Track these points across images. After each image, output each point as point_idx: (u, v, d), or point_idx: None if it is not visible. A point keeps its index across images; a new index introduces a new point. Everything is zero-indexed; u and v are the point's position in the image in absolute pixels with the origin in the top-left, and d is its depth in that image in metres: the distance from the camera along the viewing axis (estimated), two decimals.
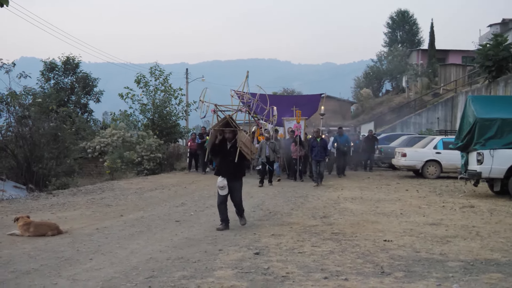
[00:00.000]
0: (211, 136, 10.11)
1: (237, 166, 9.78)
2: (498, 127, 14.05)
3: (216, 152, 9.95)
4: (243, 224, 10.00)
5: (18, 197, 15.13)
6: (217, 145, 9.80)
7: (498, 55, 26.42)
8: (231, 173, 9.72)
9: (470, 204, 12.86)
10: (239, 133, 9.72)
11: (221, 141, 9.77)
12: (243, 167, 10.27)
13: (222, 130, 9.80)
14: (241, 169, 10.05)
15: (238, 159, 9.64)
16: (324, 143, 18.68)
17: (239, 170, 9.93)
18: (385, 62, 56.31)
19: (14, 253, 7.71)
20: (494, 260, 7.12)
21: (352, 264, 6.90)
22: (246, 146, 9.77)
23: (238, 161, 9.65)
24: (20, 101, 21.23)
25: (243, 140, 9.70)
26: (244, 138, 9.82)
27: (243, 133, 9.91)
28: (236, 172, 9.82)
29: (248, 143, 9.95)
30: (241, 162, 9.92)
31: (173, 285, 5.96)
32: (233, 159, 9.57)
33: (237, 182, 9.93)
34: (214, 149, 9.91)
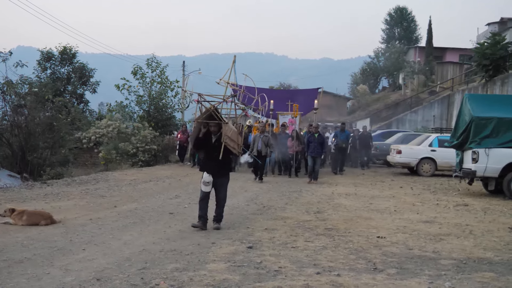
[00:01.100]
0: (194, 129, 9.54)
1: (223, 161, 9.10)
2: (494, 126, 14.06)
3: (200, 146, 9.34)
4: (216, 228, 9.07)
5: (12, 186, 15.09)
6: (201, 138, 9.19)
7: (495, 54, 26.46)
8: (216, 169, 9.06)
9: (464, 203, 12.89)
10: (223, 126, 8.94)
11: (205, 134, 9.13)
12: (230, 163, 9.77)
13: (206, 123, 9.12)
14: (227, 164, 9.46)
15: (224, 153, 9.01)
16: (322, 139, 18.13)
17: (225, 166, 9.31)
18: (382, 59, 56.34)
19: (7, 242, 7.70)
20: (487, 259, 7.14)
21: (345, 260, 6.91)
22: (232, 140, 9.09)
23: (224, 155, 9.04)
24: (16, 90, 21.11)
25: (229, 134, 8.94)
26: (230, 131, 9.04)
27: (228, 125, 9.08)
28: (222, 168, 9.17)
29: (234, 136, 9.23)
30: (228, 157, 9.34)
31: (165, 277, 5.95)
32: (219, 154, 8.91)
33: (223, 178, 9.29)
34: (198, 143, 9.30)
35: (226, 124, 8.97)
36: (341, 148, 21.95)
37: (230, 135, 8.97)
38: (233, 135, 9.18)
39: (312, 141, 17.91)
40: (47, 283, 5.71)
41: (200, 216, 9.01)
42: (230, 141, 8.99)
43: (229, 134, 8.93)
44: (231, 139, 9.04)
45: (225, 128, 8.90)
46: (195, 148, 9.79)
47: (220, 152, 8.92)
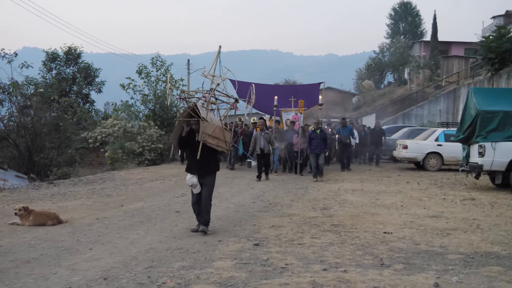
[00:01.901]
0: (176, 128, 9.18)
1: (208, 160, 8.64)
2: (500, 120, 14.01)
3: (184, 146, 9.01)
4: (202, 231, 8.55)
5: (19, 187, 15.15)
6: (184, 137, 8.74)
7: (501, 47, 26.32)
8: (201, 169, 8.63)
9: (471, 197, 12.85)
10: (201, 123, 8.35)
11: (189, 133, 8.68)
12: (215, 162, 9.02)
13: (188, 121, 8.68)
14: (212, 163, 8.85)
15: (208, 152, 8.51)
16: (324, 135, 17.49)
17: (210, 165, 8.77)
18: (387, 54, 56.07)
19: (14, 242, 7.73)
20: (494, 253, 7.12)
21: (352, 256, 6.91)
22: (214, 138, 8.48)
23: (208, 154, 8.56)
24: (22, 91, 21.20)
25: (208, 131, 8.32)
26: (211, 128, 8.38)
27: (209, 122, 8.42)
28: (206, 167, 8.70)
29: (218, 133, 8.58)
30: (213, 156, 8.83)
31: (172, 275, 5.96)
32: (203, 152, 8.39)
33: (208, 178, 8.76)
34: (181, 142, 8.88)
35: (205, 121, 8.33)
36: (345, 144, 21.29)
37: (211, 132, 8.39)
38: (217, 131, 8.57)
39: (314, 137, 17.33)
40: (54, 283, 5.73)
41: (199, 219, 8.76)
42: (211, 138, 8.44)
43: (209, 132, 8.35)
44: (213, 136, 8.47)
45: (203, 125, 8.32)
46: (179, 147, 9.35)
47: (204, 150, 8.44)
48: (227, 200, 12.43)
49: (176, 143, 9.06)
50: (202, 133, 8.29)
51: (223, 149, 8.88)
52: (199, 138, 8.32)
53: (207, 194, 8.72)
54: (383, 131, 24.06)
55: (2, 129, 20.33)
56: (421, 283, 5.70)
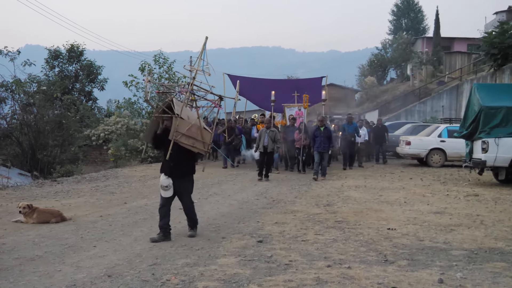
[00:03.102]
0: (151, 124, 8.57)
1: (183, 161, 7.98)
2: (504, 116, 13.99)
3: (159, 144, 8.26)
4: (191, 235, 8.03)
5: (23, 184, 15.17)
6: (160, 135, 8.03)
7: (503, 42, 26.23)
8: (174, 171, 7.89)
9: (475, 193, 12.83)
10: (174, 121, 7.63)
11: (165, 130, 7.91)
12: (191, 163, 8.34)
13: (162, 118, 8.02)
14: (188, 165, 8.16)
15: (183, 153, 7.89)
16: (328, 133, 16.73)
17: (185, 167, 8.07)
18: (390, 50, 56.07)
19: (18, 240, 7.75)
20: (498, 249, 7.11)
21: (355, 253, 6.91)
22: (189, 137, 7.79)
23: (183, 155, 7.92)
24: (24, 88, 21.26)
25: (182, 130, 7.64)
26: (185, 126, 7.70)
27: (184, 120, 7.71)
28: (181, 169, 7.97)
29: (194, 132, 7.87)
30: (188, 157, 8.12)
31: (176, 272, 5.97)
32: (177, 152, 7.80)
33: (184, 181, 8.10)
34: (156, 140, 8.20)
35: (178, 118, 7.62)
36: (350, 141, 20.24)
37: (185, 131, 7.69)
38: (193, 130, 7.86)
39: (318, 135, 16.55)
40: (59, 280, 5.74)
41: (161, 226, 7.86)
42: (186, 138, 7.74)
43: (182, 130, 7.65)
44: (188, 135, 7.77)
45: (175, 123, 7.61)
46: (153, 146, 8.78)
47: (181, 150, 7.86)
48: (230, 197, 12.43)
49: (150, 140, 8.45)
50: (174, 131, 7.61)
51: (199, 150, 8.12)
52: (170, 136, 7.67)
53: (187, 198, 8.22)
54: (385, 128, 23.47)
55: (5, 127, 20.39)
56: (425, 279, 5.70)
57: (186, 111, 7.97)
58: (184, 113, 7.75)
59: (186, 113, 7.92)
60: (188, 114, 8.00)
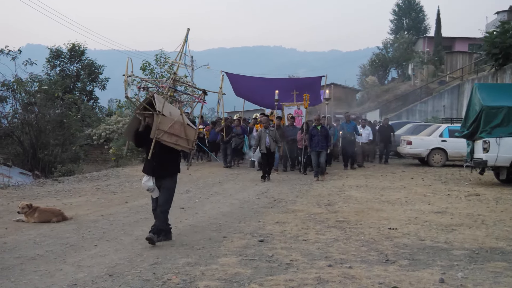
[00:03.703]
0: (132, 121, 8.18)
1: (166, 160, 7.64)
2: (505, 115, 13.97)
3: (141, 142, 7.92)
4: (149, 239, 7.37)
5: (24, 184, 15.19)
6: (141, 133, 7.67)
7: (505, 42, 26.19)
8: (156, 170, 7.62)
9: (476, 193, 12.82)
10: (155, 118, 7.28)
11: (147, 128, 7.54)
12: (175, 162, 7.93)
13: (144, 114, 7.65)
14: (171, 164, 7.81)
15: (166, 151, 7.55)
16: (325, 132, 16.43)
17: (168, 166, 7.73)
18: (391, 50, 56.07)
19: (19, 239, 7.76)
20: (499, 249, 7.10)
21: (357, 252, 6.90)
22: (172, 135, 7.45)
23: (166, 154, 7.58)
24: (26, 88, 21.27)
25: (165, 128, 7.30)
26: (168, 124, 7.35)
27: (166, 117, 7.35)
28: (163, 169, 7.67)
29: (177, 129, 7.51)
30: (171, 156, 7.77)
31: (177, 271, 5.97)
32: (160, 151, 7.49)
33: (167, 180, 7.73)
34: (138, 138, 7.83)
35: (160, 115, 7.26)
36: (349, 140, 19.73)
37: (168, 128, 7.34)
38: (176, 128, 7.50)
39: (315, 134, 16.27)
40: (60, 279, 5.74)
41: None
42: (168, 136, 7.41)
43: (165, 128, 7.31)
44: (171, 133, 7.43)
45: (157, 120, 7.25)
46: (135, 144, 8.29)
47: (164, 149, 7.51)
48: (232, 196, 12.43)
49: (131, 139, 8.03)
50: (155, 129, 7.25)
51: (183, 148, 7.74)
52: (152, 134, 7.29)
53: (165, 198, 7.74)
54: (391, 127, 22.93)
55: (7, 126, 20.42)
56: (426, 279, 5.70)
57: (168, 107, 7.65)
58: (166, 110, 7.42)
59: (168, 110, 7.59)
60: (170, 110, 7.66)
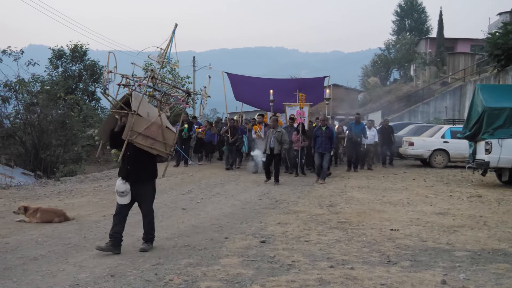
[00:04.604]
0: (107, 120, 7.74)
1: (141, 164, 7.13)
2: (507, 116, 13.95)
3: (116, 143, 7.21)
4: (143, 250, 7.08)
5: (26, 184, 15.19)
6: (116, 133, 7.05)
7: (507, 43, 26.16)
8: (131, 174, 7.09)
9: (478, 194, 12.81)
10: (129, 118, 6.75)
11: (123, 128, 6.90)
12: (151, 166, 7.34)
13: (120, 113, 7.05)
14: (148, 168, 7.27)
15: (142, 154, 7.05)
16: (330, 133, 15.93)
17: (143, 170, 7.19)
18: (393, 51, 56.02)
19: (21, 240, 7.77)
20: (502, 250, 7.10)
21: (358, 253, 6.90)
22: (148, 137, 6.90)
23: (142, 157, 7.08)
24: (28, 88, 21.27)
25: (140, 129, 6.77)
26: (143, 125, 6.83)
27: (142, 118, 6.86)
28: (138, 173, 7.12)
29: (154, 132, 6.97)
30: (148, 159, 7.21)
31: (179, 272, 5.98)
32: (135, 154, 7.01)
33: (145, 186, 7.26)
34: (113, 139, 7.23)
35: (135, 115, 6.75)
36: (356, 142, 19.18)
37: (143, 130, 6.81)
38: (153, 130, 6.95)
39: (319, 135, 15.73)
40: (62, 279, 5.75)
41: (111, 235, 7.06)
42: (143, 138, 6.85)
43: (140, 129, 6.78)
44: (146, 135, 6.87)
45: (130, 120, 6.72)
46: (110, 145, 7.69)
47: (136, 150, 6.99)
48: (233, 197, 12.43)
49: (106, 139, 7.52)
50: (128, 130, 6.72)
51: (160, 152, 7.14)
52: (124, 135, 6.75)
53: (148, 207, 7.38)
54: (392, 128, 22.41)
55: (9, 126, 20.41)
56: (428, 280, 5.69)
57: (146, 107, 7.17)
58: (143, 110, 6.93)
59: (146, 110, 7.08)
60: (148, 111, 7.17)
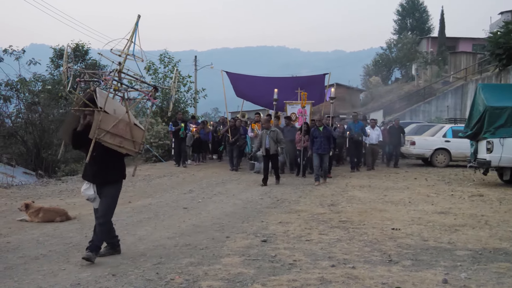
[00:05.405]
0: (69, 119, 7.23)
1: (108, 164, 6.67)
2: (508, 116, 13.93)
3: (79, 143, 6.72)
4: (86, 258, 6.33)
5: (27, 183, 15.21)
6: (79, 133, 6.56)
7: (509, 43, 26.09)
8: (97, 176, 6.65)
9: (479, 193, 12.79)
10: (96, 115, 6.29)
11: (87, 127, 6.46)
12: (119, 167, 6.87)
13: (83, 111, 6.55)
14: (113, 169, 6.78)
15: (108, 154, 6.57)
16: (328, 133, 15.45)
17: (110, 171, 6.73)
18: (395, 50, 56.01)
19: (23, 239, 7.77)
20: (503, 249, 7.09)
21: (360, 252, 6.89)
22: (116, 136, 6.46)
23: (108, 157, 6.61)
24: (29, 87, 21.33)
25: (107, 127, 6.34)
26: (111, 123, 6.39)
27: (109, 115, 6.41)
28: (104, 174, 6.66)
29: (122, 129, 6.52)
30: (115, 159, 6.76)
31: (180, 271, 5.97)
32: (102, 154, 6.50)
33: (108, 188, 6.74)
34: (76, 139, 6.68)
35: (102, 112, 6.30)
36: (356, 141, 18.97)
37: (110, 128, 6.38)
38: (121, 128, 6.51)
39: (317, 136, 15.29)
40: (63, 279, 5.75)
41: (106, 241, 6.90)
42: (111, 137, 6.41)
43: (107, 127, 6.35)
44: (114, 133, 6.43)
45: (97, 118, 6.29)
46: (73, 145, 6.95)
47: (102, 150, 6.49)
48: (235, 196, 12.43)
49: (68, 139, 6.91)
50: (95, 128, 6.28)
51: (128, 151, 6.67)
52: (91, 134, 6.31)
53: (104, 208, 6.74)
54: (402, 128, 21.95)
55: (10, 125, 20.48)
56: (429, 279, 5.68)
57: (112, 104, 6.71)
58: (109, 107, 6.48)
59: (113, 107, 6.63)
60: (115, 107, 6.69)
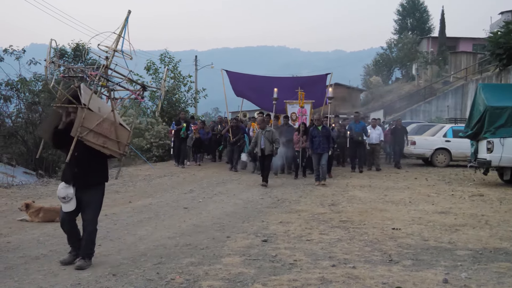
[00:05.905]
0: (50, 117, 6.81)
1: (90, 166, 6.26)
2: (509, 116, 13.94)
3: (60, 143, 6.37)
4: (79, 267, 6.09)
5: (28, 183, 15.19)
6: (60, 131, 6.20)
7: (509, 42, 26.07)
8: (78, 178, 6.20)
9: (480, 193, 12.79)
10: (79, 112, 5.91)
11: (69, 125, 6.09)
12: (101, 169, 6.49)
13: (66, 108, 6.17)
14: (96, 171, 6.38)
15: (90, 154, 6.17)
16: (327, 132, 15.24)
17: (92, 173, 6.32)
18: (395, 50, 56.01)
19: (23, 239, 7.77)
20: (503, 249, 7.09)
21: (360, 252, 6.90)
22: (99, 135, 6.08)
23: (91, 157, 6.22)
24: (30, 87, 21.30)
25: (91, 126, 5.97)
26: (95, 121, 6.02)
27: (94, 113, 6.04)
28: (86, 176, 6.24)
29: (106, 129, 6.13)
30: (98, 160, 6.34)
31: (181, 271, 5.97)
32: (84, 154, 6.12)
33: (90, 193, 6.31)
34: (57, 138, 6.32)
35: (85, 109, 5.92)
36: (357, 141, 18.71)
37: (94, 126, 5.99)
38: (105, 127, 6.12)
39: (316, 135, 15.08)
40: (64, 279, 5.75)
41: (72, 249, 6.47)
42: (94, 136, 6.02)
43: (91, 126, 5.97)
44: (98, 133, 6.05)
45: (81, 115, 5.90)
46: (53, 144, 6.66)
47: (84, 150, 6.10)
48: (235, 196, 12.44)
49: (48, 138, 6.50)
50: (78, 126, 5.89)
51: (112, 152, 6.27)
52: (73, 132, 5.91)
53: (91, 216, 6.37)
54: (405, 129, 21.76)
55: (11, 125, 20.47)
56: (430, 279, 5.69)
57: (97, 102, 6.41)
58: (94, 104, 6.14)
59: (97, 105, 6.30)
60: (99, 105, 6.36)
